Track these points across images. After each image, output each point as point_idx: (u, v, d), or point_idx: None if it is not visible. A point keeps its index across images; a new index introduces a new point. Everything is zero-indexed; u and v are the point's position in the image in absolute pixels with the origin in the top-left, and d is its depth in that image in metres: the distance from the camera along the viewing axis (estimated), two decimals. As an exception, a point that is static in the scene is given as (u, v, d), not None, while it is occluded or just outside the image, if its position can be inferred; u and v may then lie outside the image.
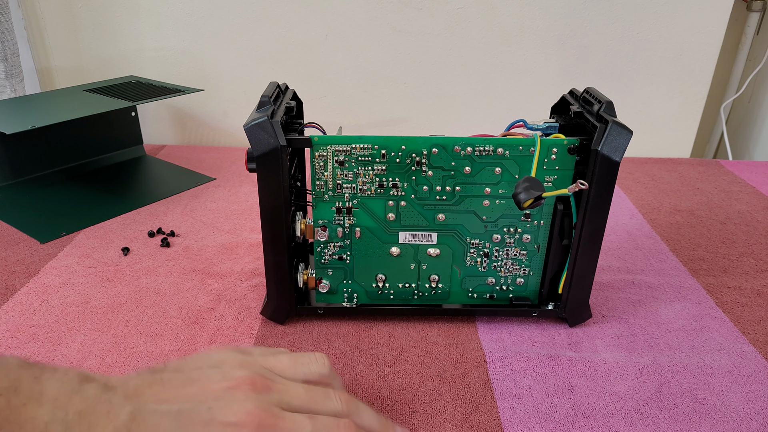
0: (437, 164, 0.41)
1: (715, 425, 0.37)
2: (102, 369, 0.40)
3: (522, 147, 0.41)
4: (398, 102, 0.89)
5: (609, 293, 0.51)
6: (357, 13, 0.83)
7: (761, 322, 0.47)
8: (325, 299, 0.46)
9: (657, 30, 0.83)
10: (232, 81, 0.89)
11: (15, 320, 0.45)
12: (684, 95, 0.87)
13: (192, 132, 0.94)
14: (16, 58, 0.80)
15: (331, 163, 0.41)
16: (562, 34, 0.84)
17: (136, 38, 0.87)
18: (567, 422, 0.37)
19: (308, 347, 0.43)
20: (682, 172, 0.80)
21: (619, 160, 0.38)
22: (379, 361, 0.42)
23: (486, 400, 0.39)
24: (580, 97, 0.44)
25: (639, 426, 0.37)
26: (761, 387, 0.40)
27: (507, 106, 0.89)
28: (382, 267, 0.45)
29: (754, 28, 0.94)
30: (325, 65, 0.87)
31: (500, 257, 0.45)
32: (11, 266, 0.53)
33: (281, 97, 0.45)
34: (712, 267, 0.56)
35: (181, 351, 0.42)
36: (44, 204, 0.66)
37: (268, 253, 0.43)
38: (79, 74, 0.90)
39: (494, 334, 0.45)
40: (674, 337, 0.45)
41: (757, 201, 0.71)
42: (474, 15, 0.83)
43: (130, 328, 0.45)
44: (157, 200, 0.68)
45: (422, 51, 0.86)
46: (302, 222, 0.43)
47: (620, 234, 0.62)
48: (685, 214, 0.67)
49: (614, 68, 0.86)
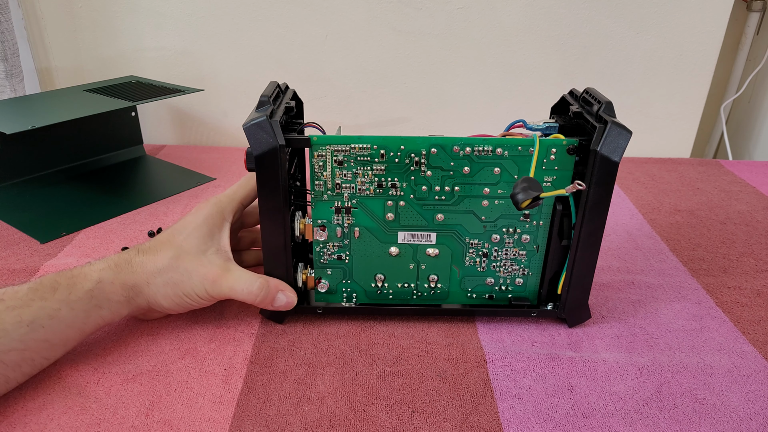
0: (436, 164, 0.41)
1: (715, 425, 0.37)
2: (102, 368, 0.40)
3: (521, 147, 0.40)
4: (398, 102, 0.89)
5: (609, 293, 0.51)
6: (357, 13, 0.83)
7: (761, 322, 0.47)
8: (324, 299, 0.46)
9: (657, 30, 0.83)
10: (232, 81, 0.89)
11: (15, 320, 0.45)
12: (684, 95, 0.87)
13: (192, 132, 0.94)
14: (16, 58, 0.80)
15: (330, 162, 0.41)
16: (563, 34, 0.84)
17: (136, 38, 0.87)
18: (567, 422, 0.37)
19: (308, 347, 0.43)
20: (682, 172, 0.80)
21: (618, 161, 0.38)
22: (378, 361, 0.42)
23: (486, 400, 0.39)
24: (580, 97, 0.44)
25: (639, 426, 0.37)
26: (761, 387, 0.40)
27: (507, 106, 0.89)
28: (381, 267, 0.45)
29: (754, 28, 0.94)
30: (325, 65, 0.87)
31: (499, 257, 0.45)
32: (11, 266, 0.53)
33: (281, 97, 0.45)
34: (712, 267, 0.56)
35: (181, 350, 0.42)
36: (44, 204, 0.66)
37: (267, 252, 0.43)
38: (79, 74, 0.90)
39: (494, 334, 0.45)
40: (674, 337, 0.45)
41: (757, 201, 0.71)
42: (474, 15, 0.83)
43: (130, 327, 0.45)
44: (157, 200, 0.68)
45: (422, 51, 0.86)
46: (301, 222, 0.43)
47: (620, 234, 0.62)
48: (685, 214, 0.67)
49: (614, 68, 0.86)
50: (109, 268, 0.40)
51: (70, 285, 0.38)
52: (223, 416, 0.37)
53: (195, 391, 0.39)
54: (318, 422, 0.36)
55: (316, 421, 0.37)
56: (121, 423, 0.36)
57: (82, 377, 0.40)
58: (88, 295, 0.39)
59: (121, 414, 0.37)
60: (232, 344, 0.43)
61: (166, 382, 0.39)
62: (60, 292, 0.38)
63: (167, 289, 0.41)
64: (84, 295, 0.38)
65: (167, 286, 0.41)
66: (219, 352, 0.42)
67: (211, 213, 0.44)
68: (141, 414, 0.37)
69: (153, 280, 0.41)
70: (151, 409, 0.37)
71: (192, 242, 0.42)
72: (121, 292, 0.40)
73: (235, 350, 0.43)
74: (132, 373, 0.40)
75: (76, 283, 0.39)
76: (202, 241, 0.42)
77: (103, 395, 0.38)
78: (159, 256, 0.41)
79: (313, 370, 0.41)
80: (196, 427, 0.36)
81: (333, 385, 0.40)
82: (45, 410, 0.37)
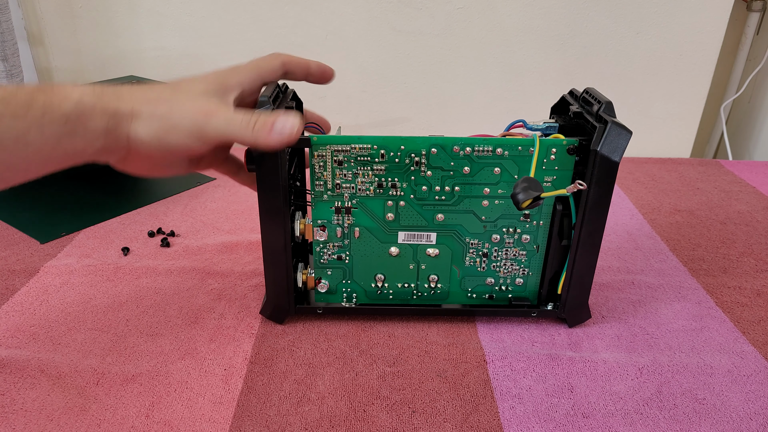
0: (436, 164, 0.41)
1: (715, 425, 0.37)
2: (102, 368, 0.40)
3: (521, 147, 0.40)
4: (398, 102, 0.89)
5: (609, 293, 0.51)
6: (357, 13, 0.83)
7: (761, 322, 0.47)
8: (324, 299, 0.46)
9: (657, 30, 0.83)
10: (232, 81, 0.88)
11: (15, 320, 0.45)
12: (684, 95, 0.87)
13: (192, 132, 0.93)
14: (16, 58, 0.80)
15: (330, 163, 0.41)
16: (563, 34, 0.84)
17: (136, 38, 0.87)
18: (567, 422, 0.37)
19: (308, 347, 0.43)
20: (682, 172, 0.80)
21: (618, 161, 0.38)
22: (378, 361, 0.42)
23: (486, 400, 0.39)
24: (580, 97, 0.44)
25: (639, 426, 0.37)
26: (761, 387, 0.40)
27: (507, 106, 0.89)
28: (381, 267, 0.45)
29: (754, 28, 0.94)
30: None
31: (499, 257, 0.45)
32: (11, 266, 0.53)
33: (281, 97, 0.45)
34: (712, 267, 0.56)
35: (181, 350, 0.42)
36: (44, 204, 0.66)
37: (267, 252, 0.43)
38: (79, 74, 0.90)
39: (494, 334, 0.45)
40: (674, 337, 0.45)
41: (757, 201, 0.71)
42: (474, 15, 0.83)
43: (130, 327, 0.45)
44: (157, 200, 0.68)
45: (422, 51, 0.86)
46: (301, 222, 0.43)
47: (620, 234, 0.62)
48: (685, 214, 0.67)
49: (614, 68, 0.86)
50: (93, 92, 0.35)
51: (46, 104, 0.33)
52: (224, 416, 0.37)
53: (195, 391, 0.39)
54: (318, 422, 0.36)
55: (317, 421, 0.37)
56: (121, 423, 0.36)
57: (82, 377, 0.40)
58: (63, 118, 0.33)
59: (121, 414, 0.37)
60: (232, 344, 0.43)
61: (166, 382, 0.39)
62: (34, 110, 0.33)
63: (152, 123, 0.35)
64: (59, 118, 0.33)
65: (153, 119, 0.35)
66: (219, 352, 0.42)
67: (226, 73, 0.39)
68: (141, 414, 0.37)
69: (140, 109, 0.35)
70: (151, 409, 0.37)
71: (195, 85, 0.37)
72: (101, 119, 0.34)
73: (235, 350, 0.43)
74: (132, 373, 0.40)
75: (53, 102, 0.33)
76: (206, 86, 0.37)
77: (103, 395, 0.38)
78: (153, 88, 0.36)
79: (313, 370, 0.41)
80: (197, 427, 0.36)
81: (333, 385, 0.40)
82: (45, 410, 0.37)
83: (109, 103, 0.34)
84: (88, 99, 0.34)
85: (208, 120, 0.35)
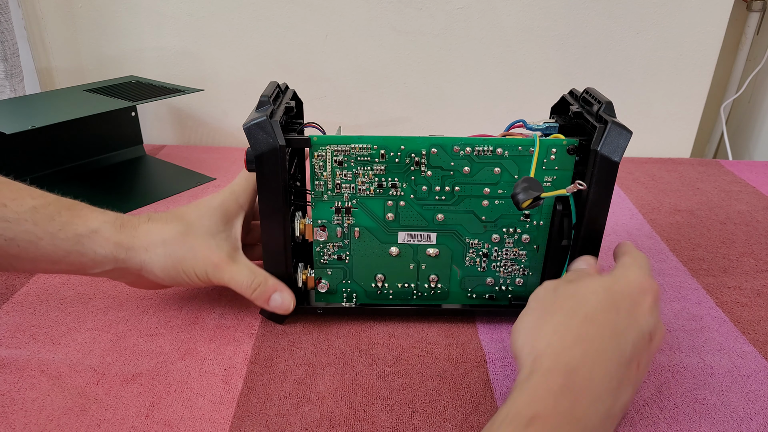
0: (436, 164, 0.41)
1: (715, 425, 0.37)
2: (102, 368, 0.40)
3: (521, 147, 0.40)
4: (398, 102, 0.89)
5: (609, 293, 0.51)
6: (357, 13, 0.83)
7: (761, 322, 0.47)
8: (324, 299, 0.46)
9: (657, 30, 0.83)
10: (232, 81, 0.89)
11: (15, 320, 0.45)
12: (684, 95, 0.87)
13: (192, 132, 0.94)
14: (16, 58, 0.80)
15: (331, 163, 0.41)
16: (563, 34, 0.84)
17: (136, 38, 0.87)
18: (566, 422, 0.37)
19: (308, 347, 0.43)
20: (682, 172, 0.80)
21: (618, 161, 0.38)
22: (379, 361, 0.42)
23: (486, 400, 0.39)
24: (580, 97, 0.44)
25: (639, 426, 0.37)
26: (761, 387, 0.40)
27: (507, 106, 0.89)
28: (381, 267, 0.45)
29: (754, 28, 0.94)
30: (325, 65, 0.87)
31: (499, 257, 0.45)
32: (11, 266, 0.53)
33: (281, 97, 0.45)
34: (712, 267, 0.56)
35: (181, 350, 0.42)
36: (44, 204, 0.66)
37: (267, 252, 0.43)
38: (79, 74, 0.90)
39: (494, 334, 0.45)
40: (674, 337, 0.45)
41: (757, 201, 0.71)
42: (474, 15, 0.83)
43: (130, 327, 0.45)
44: (157, 200, 0.68)
45: (422, 51, 0.86)
46: (301, 222, 0.43)
47: (620, 234, 0.62)
48: (685, 214, 0.67)
49: (614, 68, 0.86)
50: (113, 224, 0.40)
51: (66, 222, 0.38)
52: (224, 416, 0.37)
53: (195, 391, 0.39)
54: (318, 422, 0.36)
55: (317, 421, 0.37)
56: (121, 423, 0.36)
57: (82, 377, 0.40)
58: (75, 238, 0.38)
59: (121, 414, 0.37)
60: (232, 344, 0.43)
61: (166, 382, 0.39)
62: (54, 223, 0.38)
63: (167, 261, 0.40)
64: (72, 237, 0.38)
65: (168, 258, 0.40)
66: (219, 353, 0.42)
67: (228, 199, 0.43)
68: (141, 414, 0.37)
69: (154, 249, 0.40)
70: (151, 409, 0.37)
71: (204, 222, 0.42)
72: (113, 248, 0.39)
73: (235, 350, 0.43)
74: (132, 373, 0.40)
75: (73, 221, 0.38)
76: (215, 223, 0.42)
77: (103, 395, 0.38)
78: (168, 227, 0.41)
79: (313, 371, 0.41)
80: (197, 427, 0.36)
81: (333, 385, 0.40)
82: (45, 410, 0.37)
83: (125, 240, 0.40)
84: (106, 230, 0.39)
85: (215, 271, 0.41)
